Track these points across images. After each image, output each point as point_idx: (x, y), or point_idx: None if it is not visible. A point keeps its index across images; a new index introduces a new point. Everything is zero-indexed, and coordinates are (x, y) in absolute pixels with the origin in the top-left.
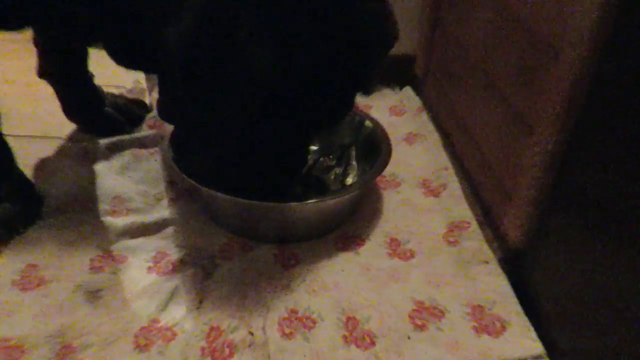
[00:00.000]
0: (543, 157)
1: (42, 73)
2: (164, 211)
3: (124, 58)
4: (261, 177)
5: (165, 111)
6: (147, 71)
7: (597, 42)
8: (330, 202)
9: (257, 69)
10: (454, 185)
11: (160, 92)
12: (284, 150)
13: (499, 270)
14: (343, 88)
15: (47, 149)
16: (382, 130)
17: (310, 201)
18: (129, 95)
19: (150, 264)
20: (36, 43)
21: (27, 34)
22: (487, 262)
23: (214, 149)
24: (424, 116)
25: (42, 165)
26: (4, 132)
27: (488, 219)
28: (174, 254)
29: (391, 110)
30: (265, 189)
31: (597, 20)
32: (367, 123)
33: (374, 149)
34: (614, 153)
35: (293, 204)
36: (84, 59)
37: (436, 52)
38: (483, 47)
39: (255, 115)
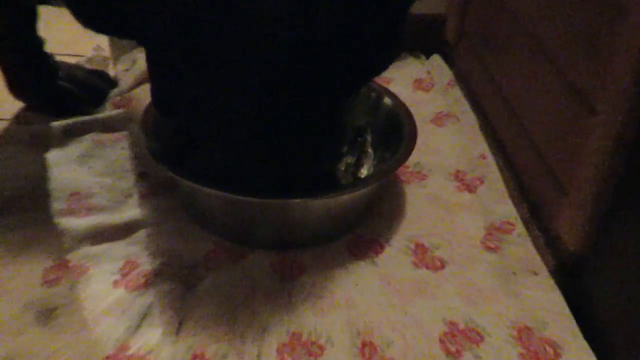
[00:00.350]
0: (607, 142)
1: None
2: (133, 210)
3: (96, 18)
4: (294, 166)
5: (163, 99)
6: (127, 36)
7: None
8: (342, 199)
9: (275, 18)
10: (494, 177)
11: (152, 74)
12: (317, 123)
13: (551, 283)
14: (376, 32)
15: None
16: (405, 109)
17: (316, 197)
18: (89, 66)
19: (117, 277)
20: None
21: None
22: (536, 273)
23: (230, 137)
24: (457, 91)
25: None
26: None
27: (537, 219)
28: (146, 264)
29: (416, 84)
30: (299, 181)
31: None
32: (386, 100)
33: (395, 132)
34: None
35: (296, 200)
36: (32, 19)
37: (472, 11)
38: (533, 5)
39: (276, 81)
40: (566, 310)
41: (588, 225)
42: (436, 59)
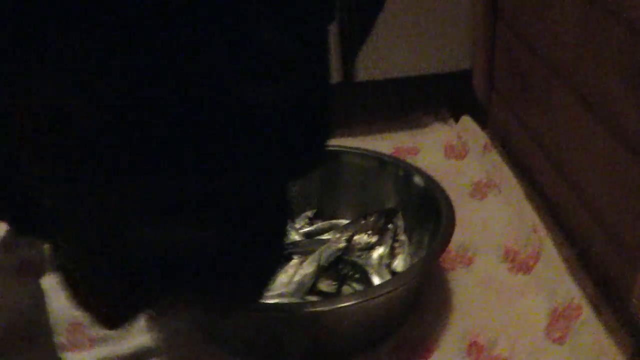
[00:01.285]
0: None
1: None
2: (142, 336)
3: None
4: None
5: None
6: None
7: None
8: (380, 300)
9: None
10: (551, 253)
11: None
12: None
13: None
14: None
15: None
16: (438, 186)
17: (351, 302)
18: None
19: None
20: None
21: None
22: None
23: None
24: (494, 155)
25: None
26: None
27: (608, 298)
28: None
29: (447, 151)
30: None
31: None
32: (416, 178)
33: (429, 212)
34: None
35: (327, 309)
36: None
37: (500, 62)
38: (569, 50)
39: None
40: None
41: None
42: (466, 120)
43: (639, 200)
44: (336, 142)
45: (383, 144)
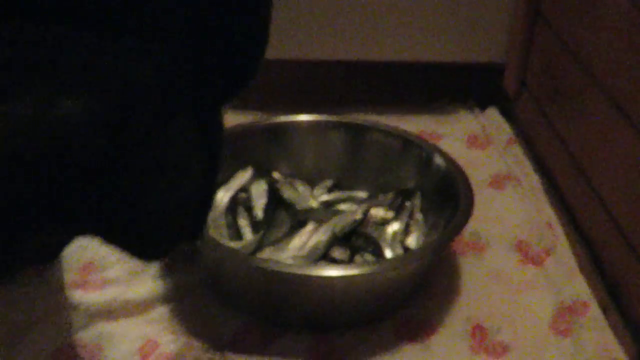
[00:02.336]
0: None
1: None
2: (152, 283)
3: None
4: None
5: None
6: None
7: None
8: (390, 274)
9: None
10: (563, 250)
11: None
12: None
13: None
14: None
15: None
16: (459, 170)
17: (360, 272)
18: None
19: (136, 359)
20: None
21: None
22: None
23: None
24: (517, 150)
25: None
26: None
27: (616, 299)
28: (167, 345)
29: (470, 140)
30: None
31: None
32: (438, 160)
33: (448, 196)
34: None
35: (336, 275)
36: None
37: (535, 60)
38: (610, 57)
39: None
40: None
41: None
42: (493, 112)
43: None
44: (360, 117)
45: (406, 125)
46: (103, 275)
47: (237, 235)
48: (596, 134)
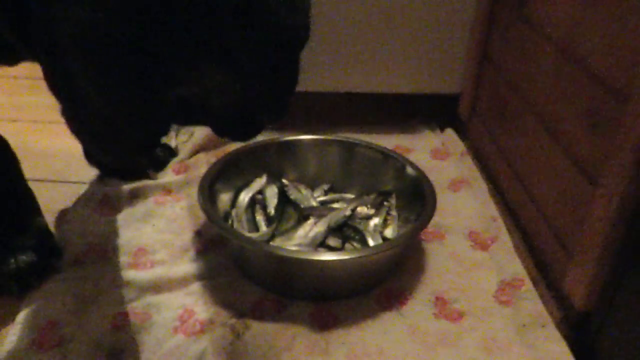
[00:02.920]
0: (609, 211)
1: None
2: (190, 264)
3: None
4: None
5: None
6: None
7: None
8: (372, 257)
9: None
10: (504, 238)
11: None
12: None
13: (558, 336)
14: None
15: (66, 194)
16: (425, 178)
17: (350, 256)
18: None
19: (177, 323)
20: None
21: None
22: (544, 326)
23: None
24: (469, 160)
25: (61, 212)
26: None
27: (545, 276)
28: (201, 313)
29: (433, 153)
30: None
31: None
32: (409, 169)
33: (417, 197)
34: None
35: (331, 258)
36: None
37: (484, 90)
38: (543, 89)
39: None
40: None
41: (592, 285)
42: (450, 132)
43: (580, 213)
44: (350, 136)
45: (385, 142)
46: (151, 258)
47: (255, 227)
48: (529, 148)
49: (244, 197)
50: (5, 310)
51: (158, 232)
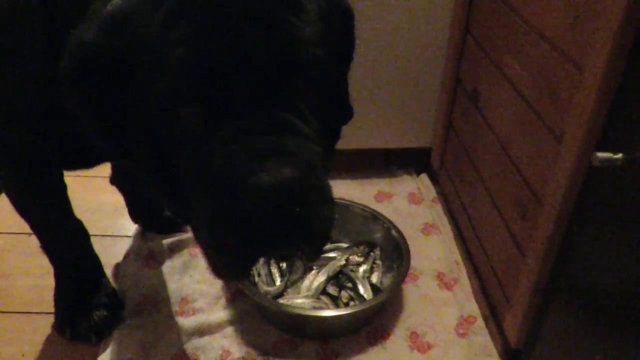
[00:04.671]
0: (531, 280)
1: (113, 182)
2: (223, 311)
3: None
4: None
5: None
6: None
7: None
8: (363, 310)
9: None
10: (464, 281)
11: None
12: None
13: None
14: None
15: (118, 248)
16: (402, 237)
17: (346, 312)
18: None
19: None
20: None
21: None
22: (490, 356)
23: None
24: (439, 207)
25: (116, 265)
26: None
27: (493, 315)
28: (236, 352)
29: (410, 197)
30: None
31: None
32: (393, 231)
33: (397, 250)
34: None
35: (332, 315)
36: None
37: (449, 151)
38: (487, 170)
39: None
40: None
41: (521, 328)
42: (424, 177)
43: (512, 270)
44: (342, 183)
45: (369, 187)
46: (192, 306)
47: (272, 279)
48: (480, 210)
49: None
50: (87, 355)
51: (195, 282)
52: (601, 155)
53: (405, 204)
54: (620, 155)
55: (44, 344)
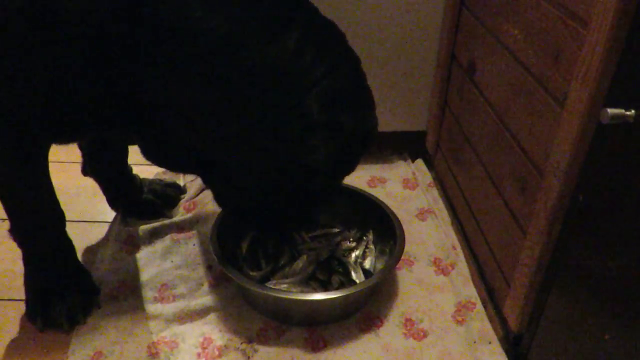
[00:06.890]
0: (533, 259)
1: (86, 172)
2: (205, 297)
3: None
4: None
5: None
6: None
7: (571, 176)
8: (355, 293)
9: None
10: (462, 265)
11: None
12: None
13: (501, 350)
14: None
15: (95, 233)
16: (397, 220)
17: (336, 295)
18: (165, 176)
19: (199, 350)
20: (80, 146)
21: None
22: (490, 343)
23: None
24: (435, 191)
25: (93, 251)
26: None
27: (492, 300)
28: (218, 340)
29: (404, 183)
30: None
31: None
32: (387, 211)
33: (390, 233)
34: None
35: (320, 297)
36: (123, 156)
37: (444, 132)
38: (484, 146)
39: None
40: None
41: (525, 309)
42: (419, 162)
43: (514, 253)
44: None
45: (362, 173)
46: (173, 292)
47: (258, 264)
48: (478, 191)
49: (247, 237)
50: (57, 343)
51: (176, 268)
52: (612, 111)
53: (400, 189)
54: (632, 112)
55: (14, 332)
